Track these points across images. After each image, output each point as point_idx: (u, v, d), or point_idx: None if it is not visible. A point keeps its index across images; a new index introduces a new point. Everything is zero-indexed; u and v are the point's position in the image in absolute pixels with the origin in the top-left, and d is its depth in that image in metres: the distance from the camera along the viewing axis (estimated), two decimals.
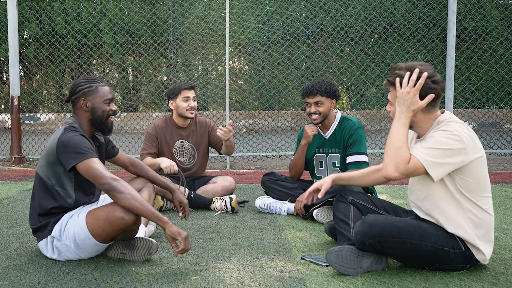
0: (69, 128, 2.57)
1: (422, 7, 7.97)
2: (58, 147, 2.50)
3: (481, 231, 2.34)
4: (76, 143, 2.48)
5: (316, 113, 3.65)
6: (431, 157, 2.21)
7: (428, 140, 2.27)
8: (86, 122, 2.68)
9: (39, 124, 9.83)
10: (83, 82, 2.67)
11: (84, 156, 2.45)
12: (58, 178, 2.56)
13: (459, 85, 7.75)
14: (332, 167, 3.76)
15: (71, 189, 2.60)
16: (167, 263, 2.56)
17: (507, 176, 5.82)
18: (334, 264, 2.35)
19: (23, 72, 9.61)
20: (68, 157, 2.47)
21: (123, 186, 2.41)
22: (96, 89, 2.65)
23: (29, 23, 8.94)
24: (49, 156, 2.55)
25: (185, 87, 4.09)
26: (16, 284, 2.27)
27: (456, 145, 2.21)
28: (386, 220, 2.33)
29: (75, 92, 2.66)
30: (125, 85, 9.81)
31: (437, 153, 2.21)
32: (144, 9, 8.61)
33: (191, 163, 4.21)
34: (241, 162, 7.34)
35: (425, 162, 2.21)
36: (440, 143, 2.22)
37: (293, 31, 8.41)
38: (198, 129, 4.23)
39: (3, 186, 5.17)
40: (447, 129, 2.25)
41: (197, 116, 4.29)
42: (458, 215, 2.33)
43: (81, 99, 2.65)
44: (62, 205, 2.59)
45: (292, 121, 9.30)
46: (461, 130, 2.24)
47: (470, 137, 2.27)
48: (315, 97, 3.62)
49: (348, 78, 8.62)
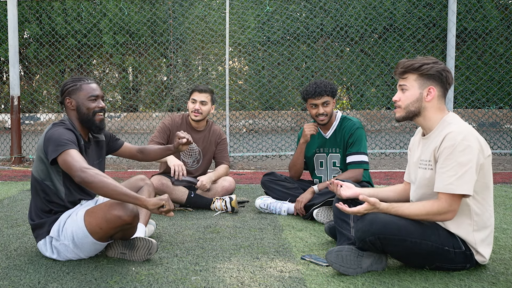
0: (57, 123, 2.62)
1: (422, 7, 7.97)
2: (45, 141, 2.54)
3: (484, 234, 2.35)
4: (58, 136, 2.50)
5: (323, 114, 3.62)
6: (464, 183, 2.25)
7: (452, 166, 2.26)
8: (76, 121, 2.70)
9: (39, 124, 9.83)
10: (69, 81, 2.71)
11: (62, 148, 2.46)
12: (46, 172, 2.59)
13: (459, 85, 7.75)
14: (332, 167, 3.76)
15: (60, 183, 2.60)
16: (167, 263, 2.56)
17: (507, 176, 5.82)
18: (334, 264, 2.35)
19: (23, 72, 9.61)
20: (51, 150, 2.49)
21: (92, 175, 2.38)
22: (80, 87, 2.67)
23: (29, 23, 8.94)
24: (38, 151, 2.60)
25: (196, 89, 4.10)
26: (16, 284, 2.27)
27: (473, 157, 2.25)
28: (387, 217, 2.33)
29: (62, 92, 2.70)
30: (125, 85, 9.81)
31: (466, 176, 2.25)
32: (144, 9, 8.61)
33: (194, 166, 4.20)
34: (241, 162, 7.34)
35: (464, 191, 2.25)
36: (462, 164, 2.24)
37: (293, 31, 8.41)
38: (210, 137, 4.22)
39: (3, 186, 5.17)
40: (459, 142, 2.25)
41: (214, 125, 4.30)
42: (464, 218, 2.34)
43: (66, 98, 2.68)
44: (54, 200, 2.60)
45: (292, 121, 9.29)
46: (471, 139, 2.27)
47: (478, 140, 2.30)
48: (322, 98, 3.59)
49: (348, 78, 8.62)
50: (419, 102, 2.41)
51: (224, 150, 4.27)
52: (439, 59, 7.94)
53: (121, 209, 2.43)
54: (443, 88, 2.40)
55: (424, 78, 2.39)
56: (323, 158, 3.80)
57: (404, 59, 2.46)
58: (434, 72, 2.37)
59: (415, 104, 2.41)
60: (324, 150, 3.79)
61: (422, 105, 2.41)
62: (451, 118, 2.39)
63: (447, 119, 2.39)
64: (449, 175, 2.26)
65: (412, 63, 2.40)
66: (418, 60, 2.40)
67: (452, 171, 2.25)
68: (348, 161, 3.64)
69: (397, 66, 2.47)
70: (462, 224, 2.34)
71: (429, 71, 2.37)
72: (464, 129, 2.30)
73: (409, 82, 2.42)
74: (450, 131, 2.29)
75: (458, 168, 2.24)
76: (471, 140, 2.26)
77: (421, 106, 2.41)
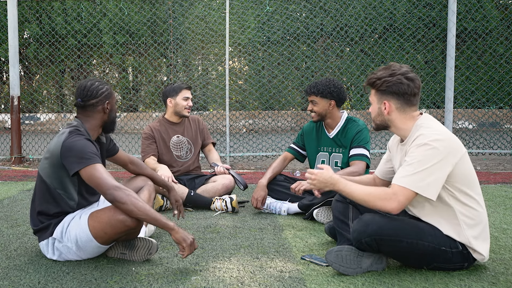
0: (74, 131, 2.54)
1: (422, 7, 7.97)
2: (63, 151, 2.47)
3: (476, 231, 2.34)
4: (81, 148, 2.46)
5: (312, 111, 3.74)
6: (419, 181, 2.21)
7: (410, 161, 2.25)
8: (97, 125, 2.67)
9: (39, 124, 9.83)
10: (101, 85, 2.65)
11: (88, 162, 2.44)
12: (60, 181, 2.55)
13: (459, 85, 7.75)
14: (334, 167, 3.76)
15: (75, 192, 2.59)
16: (167, 263, 2.56)
17: (507, 176, 5.82)
18: (333, 264, 2.35)
19: (23, 72, 9.61)
20: (72, 162, 2.45)
21: (125, 195, 2.39)
22: (111, 91, 2.70)
23: (29, 23, 8.94)
24: (53, 159, 2.52)
25: (185, 87, 4.26)
26: (16, 284, 2.27)
27: (438, 158, 2.21)
28: (383, 218, 2.33)
29: (96, 96, 2.62)
30: (125, 85, 9.81)
31: (424, 174, 2.21)
32: (144, 9, 8.61)
33: (188, 156, 4.29)
34: (241, 162, 7.34)
35: (418, 189, 2.22)
36: (423, 162, 2.21)
37: (293, 31, 8.40)
38: (192, 125, 4.38)
39: (3, 186, 5.17)
40: (426, 143, 2.23)
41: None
42: (450, 219, 2.33)
43: (106, 102, 2.65)
44: (64, 209, 2.59)
45: (292, 121, 9.29)
46: (437, 139, 2.24)
47: (448, 140, 2.27)
48: (310, 96, 3.72)
49: (348, 78, 8.61)
50: (381, 116, 2.43)
51: (207, 132, 4.46)
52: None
53: (126, 215, 2.43)
54: (402, 99, 2.36)
55: (379, 93, 2.40)
56: (325, 157, 3.81)
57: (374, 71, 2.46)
58: (385, 87, 2.36)
59: (379, 117, 2.45)
60: (327, 150, 3.80)
61: (385, 118, 2.42)
62: (423, 121, 2.37)
63: (418, 123, 2.37)
64: (406, 170, 2.25)
65: (369, 78, 2.42)
66: (374, 75, 2.40)
67: (411, 168, 2.24)
68: (351, 154, 3.66)
69: None
70: (449, 225, 2.33)
71: (380, 87, 2.38)
72: (434, 132, 2.27)
73: (371, 97, 2.46)
74: (420, 134, 2.30)
75: (418, 166, 2.22)
76: (438, 144, 2.23)
77: (384, 119, 2.43)
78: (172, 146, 4.24)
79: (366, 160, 3.63)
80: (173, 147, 4.25)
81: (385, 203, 2.24)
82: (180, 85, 4.27)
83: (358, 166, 3.58)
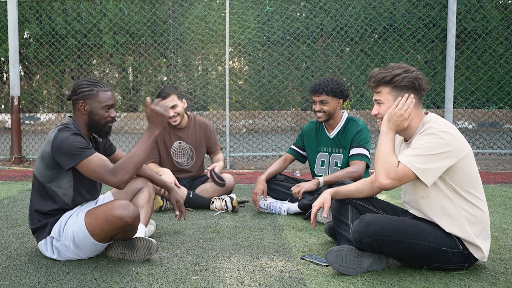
0: (62, 128, 2.56)
1: (422, 7, 7.97)
2: (53, 149, 2.49)
3: (477, 228, 2.35)
4: (70, 144, 2.46)
5: (320, 111, 3.68)
6: (420, 163, 2.24)
7: (415, 146, 2.28)
8: (84, 125, 2.67)
9: (39, 124, 9.83)
10: (85, 84, 2.64)
11: (79, 158, 2.45)
12: (54, 177, 2.57)
13: (459, 85, 7.75)
14: (334, 167, 3.76)
15: (70, 188, 2.60)
16: (167, 263, 2.56)
17: (507, 176, 5.82)
18: (333, 264, 2.35)
19: (23, 72, 9.61)
20: (65, 159, 2.47)
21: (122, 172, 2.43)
22: (97, 94, 2.62)
23: (29, 23, 8.94)
24: (44, 157, 2.55)
25: (160, 95, 3.91)
26: (16, 284, 2.27)
27: (443, 149, 2.24)
28: (384, 219, 2.33)
29: (75, 92, 2.64)
30: (125, 85, 9.82)
31: (426, 159, 2.24)
32: (144, 9, 8.61)
33: (189, 164, 4.19)
34: (241, 162, 7.34)
35: (416, 170, 2.24)
36: (428, 149, 2.24)
37: (293, 31, 8.40)
38: (197, 131, 4.20)
39: (3, 186, 5.17)
40: (433, 133, 2.26)
41: (197, 117, 4.27)
42: (453, 215, 2.33)
43: (80, 102, 2.63)
44: (60, 206, 2.60)
45: (292, 121, 9.30)
46: (445, 131, 2.26)
47: (455, 137, 2.28)
48: (320, 96, 3.66)
49: (348, 78, 8.61)
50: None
51: (215, 139, 4.27)
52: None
53: (122, 210, 2.43)
54: (418, 95, 2.40)
55: (398, 89, 2.38)
56: (325, 157, 3.81)
57: (376, 70, 2.43)
58: (406, 82, 2.36)
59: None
60: (327, 150, 3.80)
61: None
62: (429, 118, 2.39)
63: (425, 120, 2.40)
64: (410, 151, 2.28)
65: (384, 76, 2.38)
66: (388, 72, 2.38)
67: (415, 151, 2.26)
68: (351, 154, 3.65)
69: (369, 78, 2.45)
70: (452, 222, 2.33)
71: (401, 83, 2.37)
72: (443, 125, 2.30)
73: (383, 96, 2.42)
74: (428, 126, 2.32)
75: (423, 150, 2.24)
76: (446, 135, 2.25)
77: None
78: (173, 153, 4.13)
79: (366, 160, 3.63)
80: (174, 154, 4.13)
81: (379, 176, 2.30)
82: (159, 92, 3.98)
83: (358, 166, 3.58)
